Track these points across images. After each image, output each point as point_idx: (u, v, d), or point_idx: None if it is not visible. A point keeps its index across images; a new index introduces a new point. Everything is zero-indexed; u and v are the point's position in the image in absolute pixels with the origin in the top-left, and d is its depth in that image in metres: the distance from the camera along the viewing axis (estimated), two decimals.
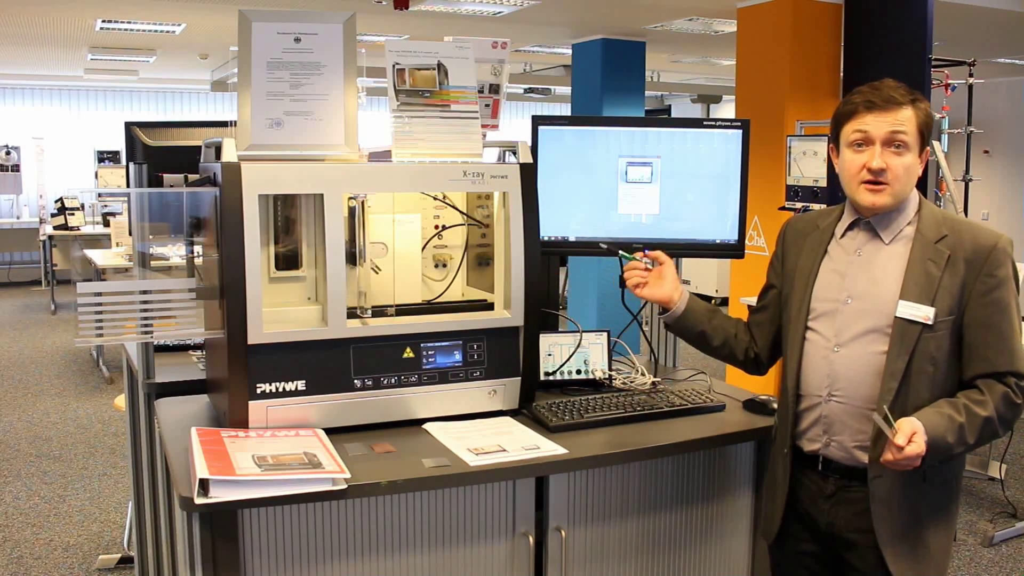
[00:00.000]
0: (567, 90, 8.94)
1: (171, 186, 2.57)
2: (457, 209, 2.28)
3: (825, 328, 1.88)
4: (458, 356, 2.08)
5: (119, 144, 8.87)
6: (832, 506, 1.89)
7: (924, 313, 1.76)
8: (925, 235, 1.81)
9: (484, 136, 2.22)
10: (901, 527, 1.81)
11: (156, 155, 3.12)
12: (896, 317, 1.78)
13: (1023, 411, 1.78)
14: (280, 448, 1.81)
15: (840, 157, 1.88)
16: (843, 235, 1.92)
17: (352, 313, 2.04)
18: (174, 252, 2.54)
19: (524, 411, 2.16)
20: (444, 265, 2.30)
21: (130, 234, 2.39)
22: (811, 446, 1.90)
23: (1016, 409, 1.77)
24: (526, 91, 11.22)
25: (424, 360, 2.05)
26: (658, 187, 2.45)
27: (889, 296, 1.80)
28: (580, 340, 2.43)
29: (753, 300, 2.26)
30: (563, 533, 1.97)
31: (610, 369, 2.46)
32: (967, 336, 1.79)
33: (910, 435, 1.67)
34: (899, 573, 1.81)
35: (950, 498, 1.87)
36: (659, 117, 11.50)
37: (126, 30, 7.17)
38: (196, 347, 2.70)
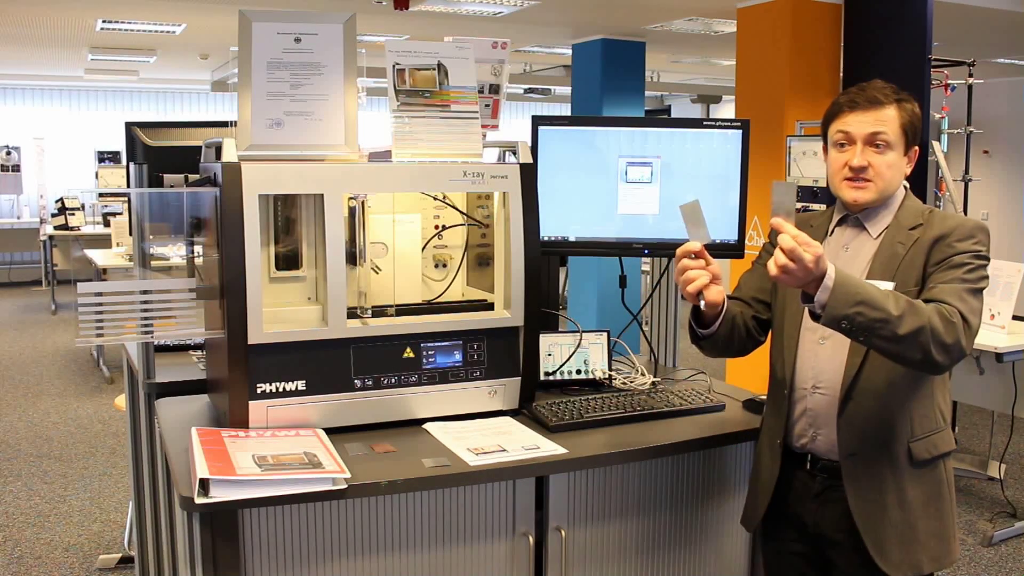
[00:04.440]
0: (567, 90, 8.94)
1: (171, 186, 2.57)
2: (457, 209, 2.28)
3: (814, 322, 1.88)
4: (458, 356, 2.08)
5: (119, 144, 8.87)
6: (819, 506, 1.90)
7: (884, 287, 1.77)
8: (901, 222, 1.86)
9: (484, 136, 2.22)
10: (883, 512, 1.81)
11: (156, 155, 3.12)
12: None
13: (960, 337, 1.65)
14: (280, 448, 1.81)
15: (827, 156, 1.92)
16: (832, 232, 1.95)
17: (352, 313, 2.04)
18: (174, 252, 2.54)
19: (524, 411, 2.16)
20: (444, 265, 2.30)
21: (130, 234, 2.39)
22: (799, 441, 1.92)
23: (951, 327, 1.64)
24: (526, 91, 11.22)
25: (424, 360, 2.05)
26: (658, 187, 2.45)
27: None
28: (580, 340, 2.43)
29: None
30: (563, 533, 1.97)
31: (610, 369, 2.46)
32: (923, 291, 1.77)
33: (799, 236, 1.58)
34: (881, 557, 1.80)
35: (938, 481, 1.85)
36: (659, 117, 11.50)
37: (126, 30, 7.17)
38: (196, 347, 2.70)
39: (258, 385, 1.91)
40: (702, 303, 1.85)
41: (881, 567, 1.81)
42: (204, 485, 1.62)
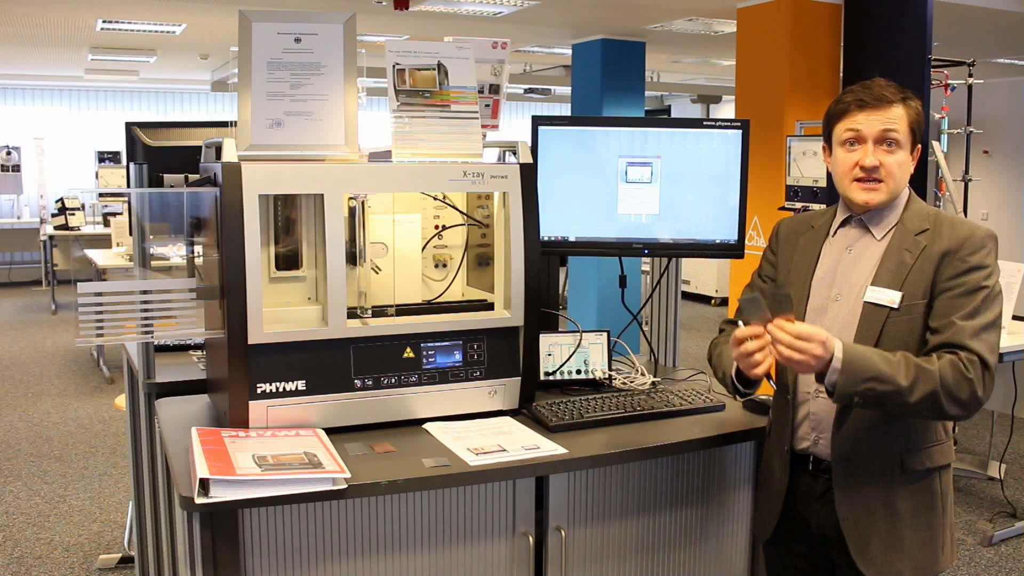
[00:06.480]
0: (567, 90, 8.95)
1: (171, 186, 2.57)
2: (457, 209, 2.28)
3: (817, 324, 1.88)
4: (458, 356, 2.08)
5: (119, 144, 8.87)
6: (822, 507, 1.89)
7: (890, 297, 1.76)
8: (907, 226, 1.83)
9: (484, 136, 2.22)
10: (869, 518, 1.80)
11: (156, 155, 3.12)
12: (864, 302, 1.80)
13: (976, 391, 1.67)
14: (280, 448, 1.81)
15: (832, 156, 1.89)
16: (835, 233, 1.93)
17: (352, 313, 2.04)
18: (174, 252, 2.54)
19: (524, 411, 2.16)
20: (444, 265, 2.30)
21: (130, 234, 2.39)
22: (802, 444, 1.91)
23: (966, 384, 1.66)
24: (526, 91, 11.23)
25: (424, 360, 2.05)
26: (658, 187, 2.45)
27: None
28: (580, 340, 2.43)
29: None
30: (563, 533, 1.97)
31: (610, 369, 2.46)
32: (933, 311, 1.76)
33: (799, 333, 1.64)
34: (862, 560, 1.80)
35: (931, 493, 1.83)
36: (659, 117, 11.51)
37: (126, 30, 7.17)
38: (196, 347, 2.70)
39: (258, 385, 1.92)
40: (772, 382, 1.87)
41: (861, 569, 1.80)
42: (204, 485, 1.62)
